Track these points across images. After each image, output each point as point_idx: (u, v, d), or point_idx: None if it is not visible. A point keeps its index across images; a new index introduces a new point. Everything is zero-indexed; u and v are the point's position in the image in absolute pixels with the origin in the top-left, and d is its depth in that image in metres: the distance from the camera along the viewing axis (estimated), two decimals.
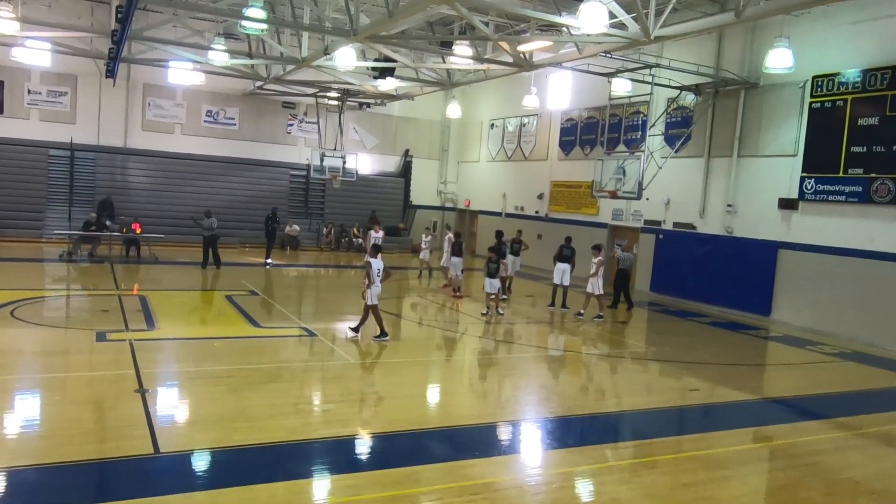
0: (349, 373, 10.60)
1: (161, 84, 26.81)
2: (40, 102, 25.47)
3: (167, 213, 25.82)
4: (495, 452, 7.59)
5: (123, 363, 9.77)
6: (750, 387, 11.38)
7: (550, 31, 17.34)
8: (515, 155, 28.37)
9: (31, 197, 24.79)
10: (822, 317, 16.24)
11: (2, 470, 6.11)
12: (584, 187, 22.73)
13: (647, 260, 21.20)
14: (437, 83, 24.06)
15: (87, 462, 6.38)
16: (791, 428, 9.23)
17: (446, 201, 33.12)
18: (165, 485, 6.07)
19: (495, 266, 15.40)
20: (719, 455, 7.75)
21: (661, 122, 20.11)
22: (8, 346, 10.60)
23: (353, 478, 6.50)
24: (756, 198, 18.06)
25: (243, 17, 16.25)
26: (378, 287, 12.18)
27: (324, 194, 29.94)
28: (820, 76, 16.35)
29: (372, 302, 12.14)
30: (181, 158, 27.32)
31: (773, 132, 17.63)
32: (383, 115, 31.04)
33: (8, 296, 13.97)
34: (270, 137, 29.24)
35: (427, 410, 9.22)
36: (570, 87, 24.97)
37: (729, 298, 18.44)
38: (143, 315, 13.21)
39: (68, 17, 22.34)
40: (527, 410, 9.36)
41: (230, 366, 10.12)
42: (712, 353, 13.76)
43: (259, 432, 7.40)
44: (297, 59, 20.39)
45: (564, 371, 11.99)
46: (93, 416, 7.74)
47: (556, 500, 6.36)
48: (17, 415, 7.82)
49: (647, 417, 9.34)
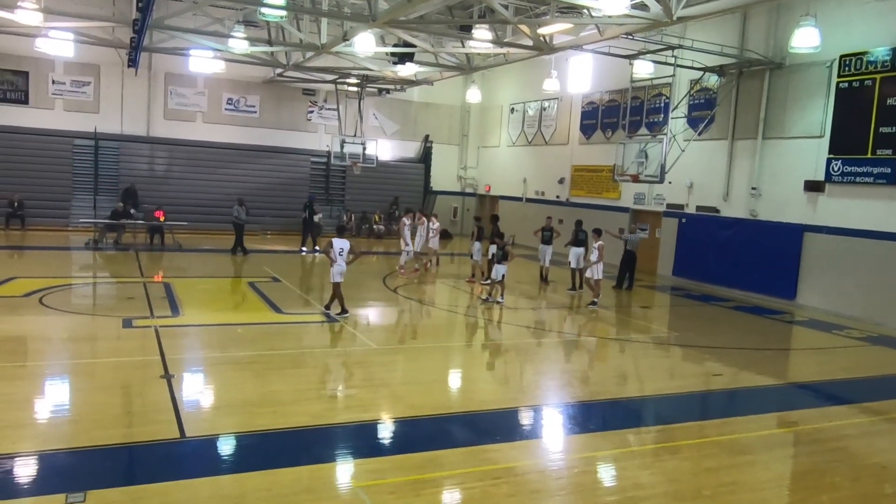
0: (371, 358, 10.65)
1: (182, 73, 26.97)
2: (64, 92, 25.77)
3: (190, 200, 26.07)
4: (517, 437, 7.60)
5: (149, 349, 9.91)
6: (774, 371, 11.27)
7: (571, 14, 17.12)
8: (536, 139, 28.18)
9: (57, 186, 25.15)
10: (849, 300, 16.00)
11: (33, 453, 6.25)
12: (606, 171, 22.54)
13: (670, 244, 21.00)
14: (457, 68, 23.92)
15: (115, 446, 6.50)
16: (816, 413, 9.12)
17: (466, 187, 33.03)
18: (191, 468, 6.18)
19: (501, 252, 15.21)
20: (743, 440, 7.68)
21: (684, 104, 19.82)
22: (37, 333, 10.82)
23: (376, 462, 6.55)
24: (781, 180, 17.78)
25: (262, 4, 16.25)
26: (341, 265, 12.66)
27: (344, 181, 30.00)
28: (847, 55, 15.99)
29: (334, 280, 12.69)
30: (203, 146, 27.51)
31: (799, 113, 17.31)
32: (403, 101, 30.97)
33: (37, 283, 14.23)
34: (291, 124, 29.33)
35: (449, 395, 9.25)
36: (591, 69, 24.69)
37: (753, 282, 18.23)
38: (168, 302, 13.39)
39: (90, 6, 22.50)
40: (548, 395, 9.35)
41: (253, 351, 10.23)
42: (736, 337, 13.63)
43: (283, 417, 7.49)
44: (316, 46, 20.37)
45: (586, 356, 11.95)
46: (120, 402, 7.89)
47: (577, 484, 6.36)
48: (47, 400, 7.98)
49: (670, 402, 9.29)
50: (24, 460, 6.12)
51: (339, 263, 12.62)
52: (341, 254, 12.66)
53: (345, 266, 12.76)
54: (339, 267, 12.67)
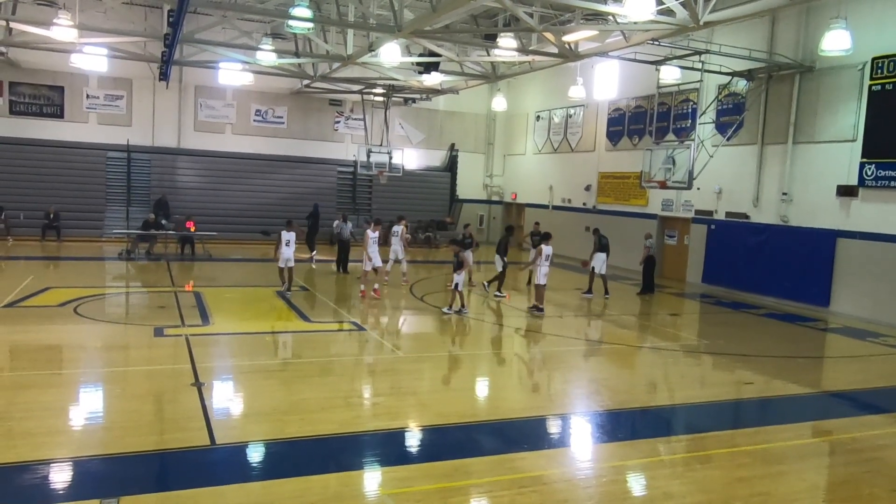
0: (398, 366, 10.68)
1: (211, 85, 27.43)
2: (98, 106, 26.36)
3: (219, 211, 26.47)
4: (545, 446, 7.56)
5: (180, 357, 10.06)
6: (807, 380, 11.05)
7: (596, 20, 17.08)
8: (562, 147, 28.09)
9: (92, 198, 25.71)
10: (885, 307, 15.63)
11: (68, 459, 6.37)
12: (633, 178, 22.37)
13: (699, 251, 20.75)
14: (482, 76, 23.97)
15: (147, 453, 6.60)
16: (852, 422, 8.92)
17: (493, 195, 33.03)
18: (222, 475, 6.24)
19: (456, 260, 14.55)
20: (776, 449, 7.54)
21: (712, 109, 19.62)
22: (72, 342, 11.06)
23: (404, 470, 6.56)
24: (813, 185, 17.48)
25: (290, 17, 16.48)
26: (286, 253, 15.36)
27: (371, 190, 30.20)
28: (880, 57, 15.70)
29: (280, 265, 15.55)
30: (232, 157, 27.92)
31: (831, 117, 17.03)
32: (428, 110, 31.11)
33: (71, 293, 14.52)
34: (318, 135, 29.64)
35: (476, 403, 9.23)
36: (617, 76, 24.58)
37: (785, 289, 17.92)
38: (199, 311, 13.57)
39: (123, 22, 23.02)
40: (577, 404, 9.28)
41: (282, 360, 10.33)
42: (767, 345, 13.40)
43: (311, 425, 7.54)
44: (342, 57, 20.58)
45: (615, 364, 11.84)
46: (152, 409, 8.01)
47: (606, 493, 6.30)
48: (81, 407, 8.14)
49: (701, 411, 9.16)
50: (59, 466, 6.24)
51: (283, 251, 15.34)
52: (288, 244, 15.38)
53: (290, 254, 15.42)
54: (285, 254, 15.36)
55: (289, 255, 15.48)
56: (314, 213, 23.98)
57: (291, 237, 15.58)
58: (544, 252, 14.78)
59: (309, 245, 22.94)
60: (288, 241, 15.45)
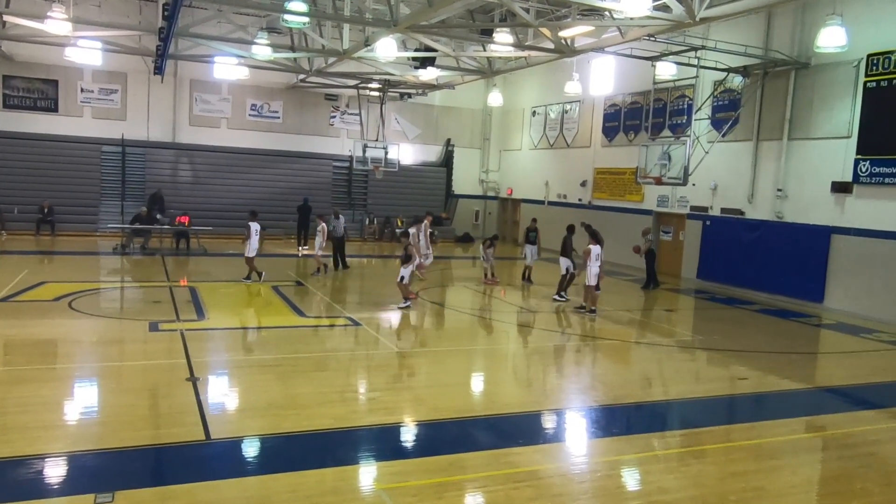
0: (394, 361, 10.69)
1: (207, 79, 27.34)
2: (92, 100, 26.25)
3: (214, 205, 26.39)
4: (540, 440, 7.58)
5: (175, 352, 10.05)
6: (801, 375, 11.11)
7: (592, 16, 17.06)
8: (558, 142, 28.09)
9: (86, 192, 25.62)
10: (879, 304, 15.70)
11: (63, 454, 6.37)
12: (629, 174, 22.40)
13: (695, 247, 20.80)
14: (478, 71, 23.93)
15: (143, 447, 6.60)
16: (845, 417, 8.97)
17: (488, 190, 33.03)
18: (217, 470, 6.25)
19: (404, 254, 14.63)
20: (770, 445, 7.58)
21: (708, 105, 19.63)
22: (67, 337, 11.03)
23: (400, 464, 6.58)
24: (808, 182, 17.53)
25: (285, 11, 16.41)
26: (254, 243, 16.23)
27: (366, 185, 30.16)
28: (875, 54, 15.74)
29: (247, 255, 16.39)
30: (227, 152, 27.84)
31: (826, 113, 17.07)
32: (424, 105, 31.07)
33: (66, 288, 14.48)
34: (313, 129, 29.58)
35: (472, 398, 9.24)
36: (613, 72, 24.58)
37: (779, 285, 17.98)
38: (194, 306, 13.56)
39: (117, 16, 22.92)
40: (572, 399, 9.31)
41: (278, 355, 10.32)
42: (762, 341, 13.45)
43: (307, 419, 7.54)
44: (338, 52, 20.53)
45: (610, 359, 11.87)
46: (147, 404, 8.00)
47: (601, 488, 6.32)
48: (76, 402, 8.13)
49: (695, 406, 9.20)
50: (54, 461, 6.23)
51: (251, 241, 16.11)
52: (256, 233, 16.21)
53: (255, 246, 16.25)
54: (252, 245, 16.19)
55: (256, 246, 16.41)
56: (304, 206, 24.00)
57: (257, 229, 16.40)
58: (593, 252, 14.67)
59: (298, 239, 22.94)
60: (256, 230, 16.32)
